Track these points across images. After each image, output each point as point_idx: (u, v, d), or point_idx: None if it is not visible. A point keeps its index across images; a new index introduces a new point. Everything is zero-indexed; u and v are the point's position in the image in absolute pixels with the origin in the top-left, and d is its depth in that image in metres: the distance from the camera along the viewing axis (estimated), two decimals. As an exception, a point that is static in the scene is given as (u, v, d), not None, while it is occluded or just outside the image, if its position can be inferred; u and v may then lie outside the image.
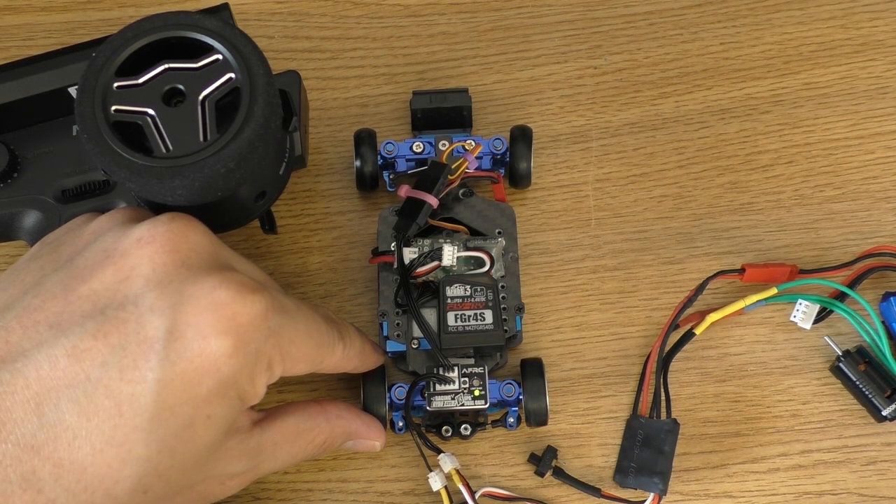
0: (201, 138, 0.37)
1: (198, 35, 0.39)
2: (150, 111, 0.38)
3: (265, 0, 0.55)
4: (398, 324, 0.46)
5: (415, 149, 0.49)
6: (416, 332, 0.45)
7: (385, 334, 0.46)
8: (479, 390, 0.45)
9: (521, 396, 0.45)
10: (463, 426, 0.46)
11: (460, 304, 0.45)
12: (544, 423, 0.46)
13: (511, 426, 0.47)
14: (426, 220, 0.46)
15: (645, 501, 0.45)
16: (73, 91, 0.44)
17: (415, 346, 0.45)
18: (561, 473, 0.46)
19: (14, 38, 0.54)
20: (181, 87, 0.38)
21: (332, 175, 0.52)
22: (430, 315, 0.46)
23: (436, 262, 0.46)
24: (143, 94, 0.38)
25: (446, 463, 0.45)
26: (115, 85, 0.38)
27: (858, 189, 0.51)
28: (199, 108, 0.38)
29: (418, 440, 0.45)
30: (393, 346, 0.46)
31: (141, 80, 0.38)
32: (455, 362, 0.45)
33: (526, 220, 0.51)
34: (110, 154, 0.37)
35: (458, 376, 0.45)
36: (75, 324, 0.34)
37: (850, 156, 0.52)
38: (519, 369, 0.46)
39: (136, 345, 0.34)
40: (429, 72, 0.54)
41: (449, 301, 0.45)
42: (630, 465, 0.46)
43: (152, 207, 0.40)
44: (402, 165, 0.49)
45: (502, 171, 0.50)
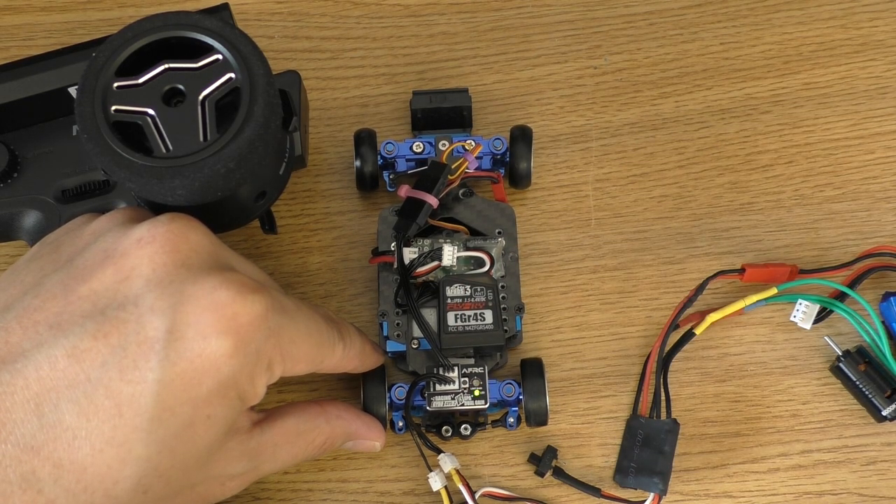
0: (201, 138, 0.37)
1: (198, 35, 0.38)
2: (150, 111, 0.38)
3: (265, 0, 0.55)
4: (398, 324, 0.46)
5: (415, 149, 0.49)
6: (416, 332, 0.45)
7: (385, 334, 0.46)
8: (479, 390, 0.45)
9: (521, 396, 0.45)
10: (463, 426, 0.46)
11: (460, 304, 0.45)
12: (544, 423, 0.46)
13: (511, 426, 0.47)
14: (426, 220, 0.46)
15: (645, 501, 0.45)
16: (73, 91, 0.44)
17: (415, 346, 0.45)
18: (561, 473, 0.46)
19: (14, 38, 0.54)
20: (181, 87, 0.38)
21: (332, 175, 0.52)
22: (430, 315, 0.46)
23: (436, 262, 0.46)
24: (143, 94, 0.38)
25: (446, 463, 0.45)
26: (115, 85, 0.38)
27: (858, 189, 0.51)
28: (199, 108, 0.38)
29: (418, 440, 0.45)
30: (393, 346, 0.46)
31: (141, 80, 0.38)
32: (455, 362, 0.45)
33: (526, 220, 0.51)
34: (110, 154, 0.37)
35: (458, 376, 0.45)
36: (75, 324, 0.34)
37: (850, 156, 0.52)
38: (519, 369, 0.46)
39: (136, 345, 0.34)
40: (429, 72, 0.53)
41: (449, 301, 0.45)
42: (630, 465, 0.46)
43: (152, 207, 0.40)
44: (402, 165, 0.49)
45: (502, 171, 0.50)
